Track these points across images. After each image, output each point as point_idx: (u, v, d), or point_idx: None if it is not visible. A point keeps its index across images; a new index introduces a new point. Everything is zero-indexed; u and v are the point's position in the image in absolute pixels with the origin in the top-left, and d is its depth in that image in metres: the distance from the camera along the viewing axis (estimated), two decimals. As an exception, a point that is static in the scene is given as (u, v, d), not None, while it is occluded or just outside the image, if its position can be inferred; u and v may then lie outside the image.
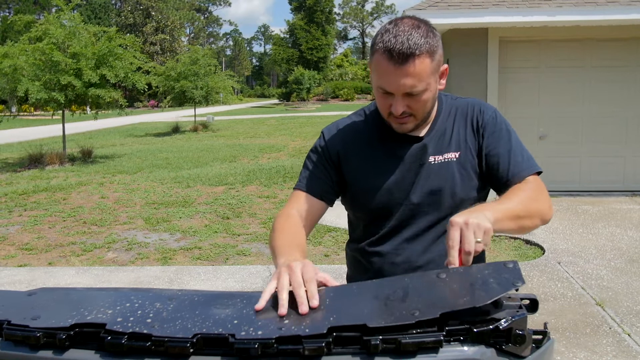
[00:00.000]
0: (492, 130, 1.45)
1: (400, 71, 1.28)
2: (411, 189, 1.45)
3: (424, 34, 1.29)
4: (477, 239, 1.12)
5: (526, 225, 1.31)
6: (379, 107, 1.42)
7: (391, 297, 1.10)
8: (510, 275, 1.06)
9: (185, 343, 0.95)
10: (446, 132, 1.46)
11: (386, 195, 1.46)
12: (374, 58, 1.33)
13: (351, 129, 1.53)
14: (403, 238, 1.48)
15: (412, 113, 1.36)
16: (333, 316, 1.01)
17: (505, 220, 1.23)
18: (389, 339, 0.94)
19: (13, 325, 1.03)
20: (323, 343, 0.93)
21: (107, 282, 4.83)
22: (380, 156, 1.47)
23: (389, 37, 1.28)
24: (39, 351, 1.00)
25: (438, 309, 1.00)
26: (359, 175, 1.49)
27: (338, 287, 1.16)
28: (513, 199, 1.31)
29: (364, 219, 1.55)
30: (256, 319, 1.04)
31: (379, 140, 1.48)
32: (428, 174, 1.44)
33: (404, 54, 1.26)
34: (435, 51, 1.31)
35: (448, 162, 1.44)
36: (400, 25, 1.30)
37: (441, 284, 1.09)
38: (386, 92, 1.33)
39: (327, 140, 1.52)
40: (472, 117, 1.47)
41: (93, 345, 1.00)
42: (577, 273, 4.68)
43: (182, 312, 1.08)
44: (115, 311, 1.07)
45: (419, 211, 1.46)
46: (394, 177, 1.46)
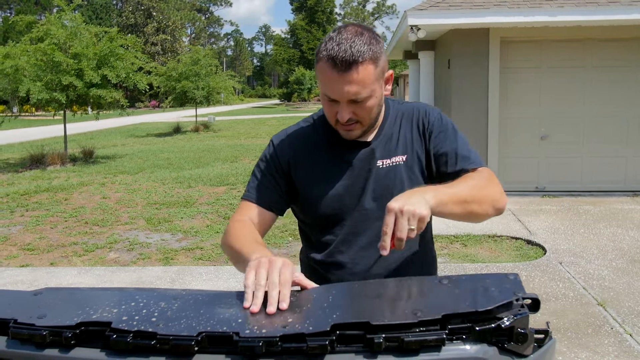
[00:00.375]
0: (439, 130, 1.47)
1: (343, 78, 1.29)
2: (362, 194, 1.46)
3: (366, 41, 1.30)
4: (410, 226, 1.14)
5: (475, 211, 1.30)
6: (326, 114, 1.42)
7: (394, 297, 1.11)
8: (512, 285, 1.07)
9: (190, 341, 0.96)
10: (393, 137, 1.48)
11: (337, 202, 1.46)
12: (318, 66, 1.34)
13: (300, 136, 1.52)
14: (359, 246, 1.47)
15: (358, 120, 1.37)
16: (336, 313, 1.02)
17: (450, 203, 1.24)
18: (392, 337, 0.95)
19: (19, 324, 1.03)
20: (327, 341, 0.94)
21: (109, 282, 4.84)
22: (329, 162, 1.47)
23: (332, 45, 1.29)
24: (45, 349, 1.01)
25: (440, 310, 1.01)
26: (309, 182, 1.48)
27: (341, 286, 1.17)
28: (461, 184, 1.31)
29: (316, 226, 1.53)
30: (260, 318, 1.05)
31: (327, 146, 1.48)
32: (377, 178, 1.45)
33: (347, 62, 1.28)
34: (379, 57, 1.33)
35: (396, 165, 1.46)
36: (343, 33, 1.31)
37: (443, 289, 1.10)
38: (332, 99, 1.34)
39: (277, 149, 1.51)
40: (418, 120, 1.49)
41: (98, 343, 1.01)
42: (578, 273, 4.68)
43: (186, 311, 1.09)
44: (120, 310, 1.08)
45: (370, 216, 1.46)
46: (344, 183, 1.46)
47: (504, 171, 7.72)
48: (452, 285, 1.12)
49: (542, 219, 6.42)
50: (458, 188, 1.28)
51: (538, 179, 7.84)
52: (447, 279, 1.15)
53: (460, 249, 5.52)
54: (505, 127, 7.64)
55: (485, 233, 5.94)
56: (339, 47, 1.28)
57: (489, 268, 4.87)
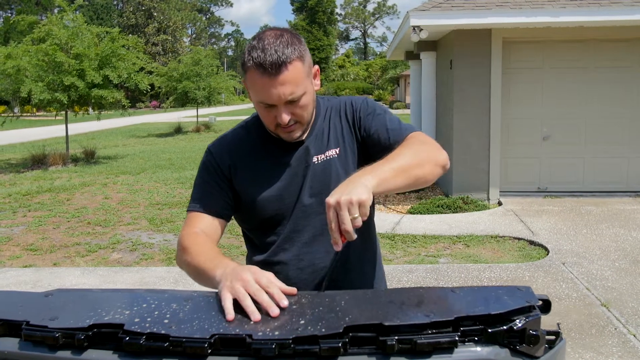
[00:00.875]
0: (366, 114, 1.49)
1: (276, 81, 1.31)
2: (300, 192, 1.47)
3: (289, 42, 1.32)
4: (353, 215, 1.13)
5: (419, 175, 1.29)
6: (264, 122, 1.43)
7: (406, 302, 1.11)
8: (523, 295, 1.08)
9: (202, 343, 0.96)
10: (324, 132, 1.50)
11: (278, 202, 1.48)
12: (247, 76, 1.35)
13: (237, 141, 1.53)
14: (302, 242, 1.49)
15: (297, 120, 1.39)
16: (349, 316, 1.02)
17: (392, 178, 1.23)
18: (404, 339, 0.95)
19: (32, 326, 1.04)
20: (339, 343, 0.94)
21: (113, 283, 4.84)
22: (266, 165, 1.49)
23: (257, 52, 1.30)
24: (57, 351, 1.01)
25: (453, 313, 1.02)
26: (248, 186, 1.49)
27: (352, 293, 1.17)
28: (396, 154, 1.31)
29: (259, 229, 1.54)
30: (272, 320, 1.05)
31: (263, 149, 1.50)
32: (314, 174, 1.47)
33: (276, 64, 1.29)
34: (304, 55, 1.35)
35: (330, 159, 1.48)
36: (264, 38, 1.33)
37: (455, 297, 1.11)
38: (268, 105, 1.35)
39: (216, 156, 1.51)
40: (345, 111, 1.52)
41: (111, 345, 1.01)
42: (581, 274, 4.68)
43: (198, 312, 1.09)
44: (132, 312, 1.08)
45: (310, 212, 1.48)
46: (282, 184, 1.47)
47: (506, 171, 7.72)
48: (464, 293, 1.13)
49: (544, 220, 6.42)
50: (395, 160, 1.27)
51: (540, 179, 7.84)
52: (459, 289, 1.15)
53: (462, 250, 5.51)
54: (507, 127, 7.63)
55: (487, 233, 5.94)
56: (265, 53, 1.30)
57: (492, 269, 4.86)
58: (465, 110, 7.40)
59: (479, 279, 4.63)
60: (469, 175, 7.47)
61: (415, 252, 5.47)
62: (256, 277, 1.11)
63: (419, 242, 5.75)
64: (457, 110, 7.41)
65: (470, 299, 1.10)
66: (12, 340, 1.07)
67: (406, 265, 5.06)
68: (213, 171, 1.49)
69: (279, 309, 1.06)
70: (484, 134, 7.41)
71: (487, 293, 1.12)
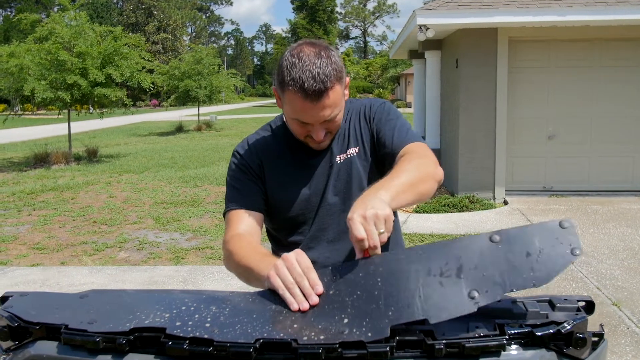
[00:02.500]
0: (380, 116, 1.53)
1: (317, 106, 1.33)
2: (324, 191, 1.51)
3: (328, 62, 1.33)
4: (379, 230, 1.11)
5: (423, 191, 1.30)
6: (294, 133, 1.46)
7: (444, 273, 1.03)
8: (566, 240, 1.02)
9: (247, 348, 0.94)
10: (345, 132, 1.54)
11: (305, 202, 1.51)
12: (286, 94, 1.34)
13: (262, 144, 1.55)
14: (327, 240, 1.52)
15: (329, 131, 1.44)
16: (391, 309, 1.00)
17: (402, 194, 1.23)
18: (452, 343, 0.94)
19: (71, 330, 1.02)
20: (387, 348, 0.93)
21: (121, 282, 4.83)
22: (294, 167, 1.52)
23: (298, 73, 1.30)
24: (97, 356, 1.00)
25: (497, 288, 0.98)
26: (276, 188, 1.52)
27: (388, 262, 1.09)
28: (401, 169, 1.31)
29: (284, 228, 1.56)
30: (315, 322, 1.03)
31: (290, 152, 1.53)
32: (337, 173, 1.51)
33: (319, 91, 1.30)
34: (342, 72, 1.37)
35: (351, 157, 1.51)
36: (303, 57, 1.32)
37: (496, 253, 1.03)
38: (303, 122, 1.38)
39: (245, 156, 1.54)
40: (365, 112, 1.55)
41: (152, 349, 1.00)
42: (591, 273, 4.67)
43: (239, 315, 1.08)
44: (172, 315, 1.06)
45: (335, 210, 1.51)
46: (308, 185, 1.51)
47: (511, 170, 7.71)
48: (504, 245, 1.04)
49: (551, 219, 6.39)
50: (402, 175, 1.28)
51: (545, 178, 7.83)
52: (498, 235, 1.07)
53: (470, 249, 5.50)
54: (513, 126, 7.62)
55: (495, 233, 5.93)
56: (306, 75, 1.30)
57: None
58: (471, 109, 7.39)
59: (489, 278, 4.62)
60: (474, 174, 7.47)
61: (423, 251, 5.46)
62: (299, 260, 1.11)
63: (426, 241, 5.74)
64: (463, 109, 7.40)
65: (512, 257, 1.04)
66: (50, 343, 1.06)
67: (415, 264, 5.04)
68: (245, 170, 1.53)
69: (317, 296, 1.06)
70: (490, 133, 7.40)
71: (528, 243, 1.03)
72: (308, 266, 1.10)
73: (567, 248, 1.03)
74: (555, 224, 1.03)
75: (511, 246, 1.03)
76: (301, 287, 1.07)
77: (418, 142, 1.46)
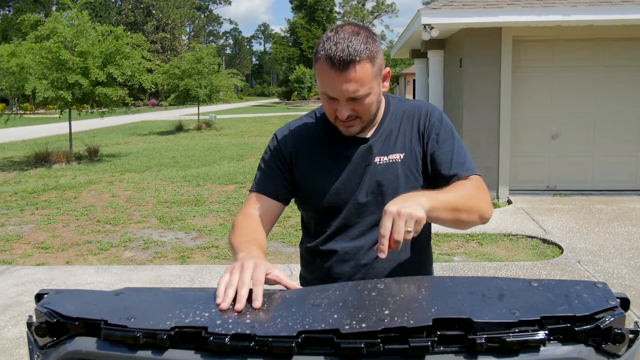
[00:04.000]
0: (437, 132, 1.49)
1: (342, 77, 1.32)
2: (357, 189, 1.49)
3: (363, 40, 1.33)
4: (407, 228, 1.16)
5: (463, 219, 1.33)
6: (325, 111, 1.46)
7: (487, 294, 1.10)
8: (603, 294, 1.07)
9: (290, 342, 0.95)
10: (392, 134, 1.50)
11: (334, 196, 1.50)
12: (317, 65, 1.36)
13: (302, 130, 1.56)
14: (350, 237, 1.52)
15: (357, 116, 1.40)
16: (434, 307, 1.01)
17: (442, 209, 1.26)
18: (493, 338, 0.95)
19: (111, 325, 1.02)
20: (428, 342, 0.94)
21: (128, 281, 4.83)
22: (328, 157, 1.51)
23: (330, 45, 1.32)
24: (137, 351, 1.00)
25: (537, 311, 1.01)
26: (308, 176, 1.52)
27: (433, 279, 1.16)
28: (453, 191, 1.34)
29: (314, 217, 1.58)
30: (356, 312, 1.03)
31: (327, 141, 1.52)
32: (373, 174, 1.48)
33: (345, 61, 1.30)
34: (376, 56, 1.35)
35: (393, 162, 1.49)
36: (340, 32, 1.34)
37: (535, 291, 1.09)
38: (331, 97, 1.37)
39: (280, 142, 1.55)
40: (419, 120, 1.51)
41: (192, 345, 1.00)
42: (598, 272, 4.68)
43: (278, 310, 1.08)
44: (211, 314, 1.06)
45: (364, 210, 1.50)
46: (341, 178, 1.50)
47: (515, 170, 7.72)
48: (543, 288, 1.12)
49: (555, 218, 6.42)
50: (450, 195, 1.30)
51: (549, 178, 7.84)
52: (537, 281, 1.14)
53: (476, 248, 5.51)
54: (516, 125, 7.63)
55: (500, 232, 5.94)
56: (337, 46, 1.31)
57: (508, 267, 4.86)
58: (475, 108, 7.40)
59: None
60: (478, 174, 7.46)
61: (429, 250, 5.47)
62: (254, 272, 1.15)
63: (432, 241, 5.73)
64: (467, 108, 7.41)
65: (551, 295, 1.09)
66: (89, 339, 1.05)
67: (421, 263, 5.05)
68: (276, 156, 1.54)
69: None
70: (494, 132, 7.41)
71: (566, 289, 1.11)
72: (258, 280, 1.13)
73: (603, 298, 1.06)
74: (590, 283, 1.10)
75: (551, 289, 1.09)
76: (238, 294, 1.10)
77: (478, 175, 1.45)
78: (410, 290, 1.11)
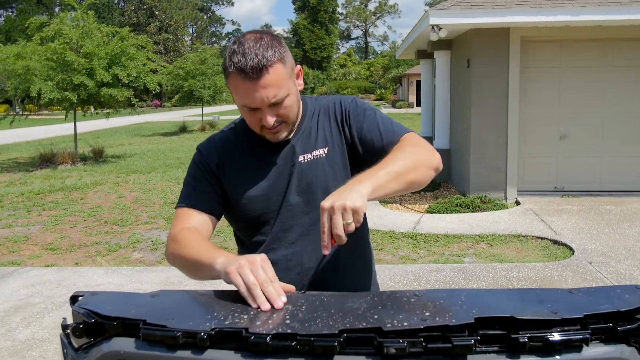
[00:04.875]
0: (355, 114, 1.49)
1: (258, 85, 1.31)
2: (286, 190, 1.47)
3: (269, 44, 1.33)
4: (346, 220, 1.16)
5: (414, 180, 1.32)
6: (249, 124, 1.44)
7: (527, 300, 1.09)
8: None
9: (332, 341, 0.94)
10: (312, 131, 1.50)
11: (264, 201, 1.48)
12: (229, 80, 1.35)
13: (225, 141, 1.54)
14: (289, 242, 1.48)
15: (283, 120, 1.40)
16: (475, 308, 1.01)
17: (387, 183, 1.25)
18: (536, 337, 0.94)
19: (150, 325, 1.02)
20: (472, 341, 0.93)
21: (138, 282, 4.82)
22: (253, 164, 1.49)
23: (238, 57, 1.31)
24: (176, 351, 1.00)
25: (579, 310, 1.00)
26: (236, 185, 1.49)
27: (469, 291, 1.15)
28: (391, 160, 1.32)
29: (248, 228, 1.54)
30: (396, 314, 1.03)
31: (250, 149, 1.50)
32: (300, 173, 1.47)
33: (256, 68, 1.29)
34: (285, 56, 1.35)
35: (317, 158, 1.48)
36: (244, 42, 1.33)
37: (575, 296, 1.09)
38: (252, 108, 1.36)
39: (205, 155, 1.52)
40: (334, 111, 1.52)
41: (231, 345, 0.99)
42: (610, 273, 4.66)
43: (317, 311, 1.08)
44: (250, 316, 1.06)
45: (297, 211, 1.48)
46: (268, 182, 1.48)
47: (523, 170, 7.71)
48: (583, 293, 1.11)
49: (565, 219, 6.40)
50: (389, 165, 1.29)
51: (557, 178, 7.82)
52: (576, 290, 1.14)
53: (486, 249, 5.50)
54: (524, 126, 7.62)
55: (510, 233, 5.93)
56: (245, 57, 1.30)
57: (519, 268, 4.85)
58: (482, 109, 7.38)
59: (508, 278, 4.62)
60: (486, 174, 7.46)
61: (439, 251, 5.46)
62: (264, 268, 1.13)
63: (441, 242, 5.73)
64: (475, 108, 7.40)
65: (592, 298, 1.09)
66: (126, 340, 1.05)
67: (432, 264, 5.04)
68: (203, 169, 1.50)
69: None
70: (502, 133, 7.40)
71: (607, 292, 1.10)
72: (273, 275, 1.12)
73: None
74: (631, 286, 1.10)
75: (591, 294, 1.08)
76: (266, 292, 1.08)
77: (410, 132, 1.44)
78: (449, 298, 1.11)
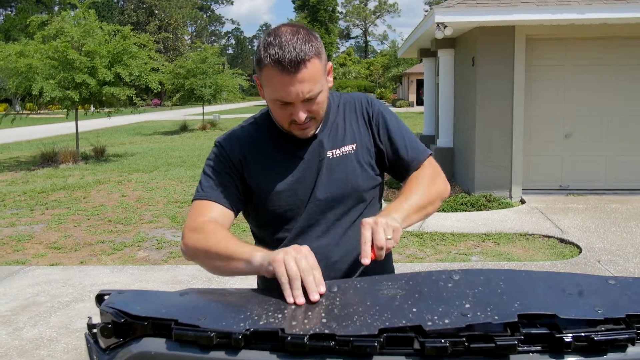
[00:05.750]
0: (384, 123, 1.52)
1: (295, 79, 1.29)
2: (315, 186, 1.46)
3: (306, 38, 1.30)
4: (387, 236, 1.21)
5: (430, 212, 1.45)
6: (277, 119, 1.41)
7: (567, 291, 1.07)
8: None
9: (372, 342, 0.92)
10: (339, 127, 1.50)
11: (292, 196, 1.45)
12: (263, 73, 1.32)
13: (246, 136, 1.50)
14: (314, 236, 1.47)
15: (312, 116, 1.38)
16: (517, 302, 0.99)
17: (411, 215, 1.36)
18: (580, 337, 0.92)
19: (182, 325, 0.99)
20: (515, 340, 0.91)
21: (144, 281, 4.80)
22: (279, 158, 1.46)
23: (275, 49, 1.28)
24: (210, 352, 0.97)
25: (622, 310, 0.98)
26: (261, 179, 1.46)
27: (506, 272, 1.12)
28: (414, 192, 1.42)
29: (270, 225, 1.50)
30: (435, 306, 1.00)
31: (275, 144, 1.47)
32: (329, 168, 1.46)
33: (295, 62, 1.27)
34: (321, 51, 1.34)
35: (346, 155, 1.48)
36: (281, 35, 1.30)
37: (613, 289, 1.08)
38: (285, 103, 1.33)
39: (226, 149, 1.47)
40: (362, 110, 1.53)
41: (266, 345, 0.96)
42: (619, 272, 4.64)
43: (353, 306, 1.05)
44: (284, 315, 1.03)
45: (325, 206, 1.46)
46: (296, 177, 1.45)
47: (528, 169, 7.69)
48: (621, 285, 1.10)
49: (571, 218, 6.38)
50: (414, 198, 1.40)
51: (562, 177, 7.80)
52: (613, 279, 1.12)
53: (493, 248, 5.48)
54: (529, 124, 7.60)
55: (516, 231, 5.90)
56: (283, 50, 1.27)
57: (527, 267, 4.83)
58: (487, 107, 7.36)
59: (516, 277, 4.59)
60: (491, 173, 7.44)
61: (445, 250, 5.44)
62: (308, 257, 1.12)
63: (448, 240, 5.71)
64: (480, 107, 7.37)
65: (630, 294, 1.06)
66: (157, 340, 1.02)
67: (439, 263, 5.02)
68: (225, 162, 1.46)
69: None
70: (507, 131, 7.37)
71: None
72: (315, 264, 1.11)
73: None
74: None
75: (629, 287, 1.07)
76: (305, 282, 1.07)
77: (429, 158, 1.53)
78: (487, 284, 1.08)
